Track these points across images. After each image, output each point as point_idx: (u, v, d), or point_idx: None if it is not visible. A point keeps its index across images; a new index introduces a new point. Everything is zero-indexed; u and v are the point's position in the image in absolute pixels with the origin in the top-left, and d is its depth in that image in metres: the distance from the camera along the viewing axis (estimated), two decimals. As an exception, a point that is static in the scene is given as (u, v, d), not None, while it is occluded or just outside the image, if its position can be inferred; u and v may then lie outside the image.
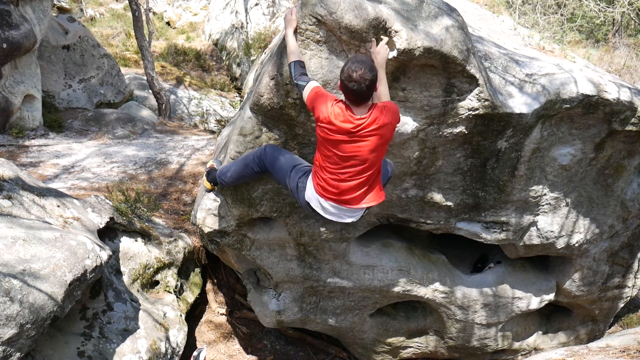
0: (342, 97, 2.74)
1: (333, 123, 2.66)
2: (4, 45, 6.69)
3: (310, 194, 2.94)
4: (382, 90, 2.79)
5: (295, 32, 2.91)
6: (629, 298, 5.18)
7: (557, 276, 4.84)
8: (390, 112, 2.73)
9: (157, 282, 4.66)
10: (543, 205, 4.10)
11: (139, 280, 4.36)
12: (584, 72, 3.70)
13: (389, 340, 4.98)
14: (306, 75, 2.83)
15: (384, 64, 2.84)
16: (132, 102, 10.31)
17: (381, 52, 2.84)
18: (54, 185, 5.67)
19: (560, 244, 4.30)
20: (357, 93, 2.60)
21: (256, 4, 13.39)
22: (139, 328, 3.89)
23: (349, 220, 3.02)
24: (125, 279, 4.25)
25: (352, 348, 5.28)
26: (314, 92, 2.73)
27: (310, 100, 2.73)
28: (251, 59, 12.19)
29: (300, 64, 2.84)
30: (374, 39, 2.85)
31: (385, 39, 2.85)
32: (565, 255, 4.53)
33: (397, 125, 3.26)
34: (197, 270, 5.28)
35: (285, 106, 3.14)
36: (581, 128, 3.75)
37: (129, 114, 8.96)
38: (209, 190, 3.67)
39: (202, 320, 5.27)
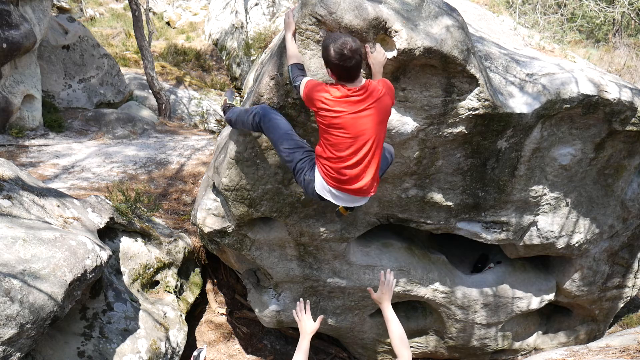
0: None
1: (335, 101, 2.63)
2: (4, 45, 6.69)
3: (321, 187, 2.89)
4: None
5: (294, 35, 2.91)
6: (629, 298, 5.18)
7: (557, 276, 4.84)
8: (387, 84, 2.74)
9: (157, 282, 4.66)
10: (543, 205, 4.10)
11: (139, 280, 4.36)
12: (584, 72, 3.70)
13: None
14: (303, 75, 2.82)
15: (382, 69, 2.83)
16: (132, 102, 10.31)
17: (378, 58, 2.82)
18: (54, 185, 5.67)
19: (561, 244, 4.30)
20: (353, 68, 2.58)
21: (256, 4, 13.39)
22: (139, 328, 3.89)
23: (361, 202, 3.03)
24: (125, 279, 4.25)
25: (352, 348, 5.28)
26: (309, 85, 2.71)
27: (307, 93, 2.71)
28: (251, 59, 12.19)
29: (299, 66, 2.83)
30: (367, 45, 2.83)
31: (377, 45, 2.84)
32: (565, 255, 4.53)
33: (397, 125, 3.27)
34: (197, 270, 5.28)
35: (285, 106, 3.14)
36: (581, 128, 3.75)
37: (129, 114, 8.96)
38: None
39: (202, 320, 5.27)
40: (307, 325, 2.42)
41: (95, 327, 3.68)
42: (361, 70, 2.67)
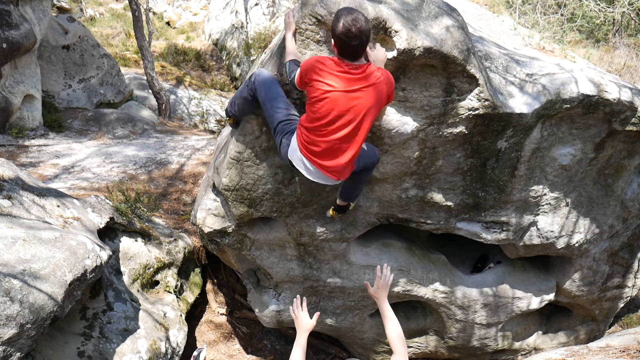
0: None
1: (330, 73, 2.58)
2: (4, 45, 6.69)
3: (293, 153, 2.86)
4: None
5: (294, 35, 2.91)
6: (629, 298, 5.18)
7: (557, 276, 4.84)
8: (387, 75, 2.70)
9: (157, 282, 4.66)
10: (543, 205, 4.10)
11: (139, 280, 4.36)
12: (584, 72, 3.70)
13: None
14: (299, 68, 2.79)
15: (383, 67, 2.85)
16: (132, 102, 10.31)
17: (379, 56, 2.82)
18: (54, 185, 5.67)
19: (561, 244, 4.30)
20: (356, 47, 2.54)
21: (256, 4, 13.40)
22: (139, 328, 3.89)
23: (330, 183, 2.99)
24: (125, 279, 4.25)
25: (352, 348, 5.28)
26: (306, 63, 2.67)
27: (303, 70, 2.66)
28: (251, 59, 12.19)
29: (296, 62, 2.81)
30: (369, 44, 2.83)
31: (377, 44, 2.84)
32: (565, 255, 4.53)
33: (397, 125, 3.27)
34: (197, 270, 5.28)
35: (286, 106, 3.14)
36: (581, 128, 3.75)
37: (129, 114, 8.96)
38: (231, 124, 3.55)
39: (202, 320, 5.27)
40: (304, 321, 2.43)
41: (95, 327, 3.68)
42: (365, 52, 2.64)
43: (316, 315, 2.49)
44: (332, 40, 2.60)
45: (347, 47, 2.54)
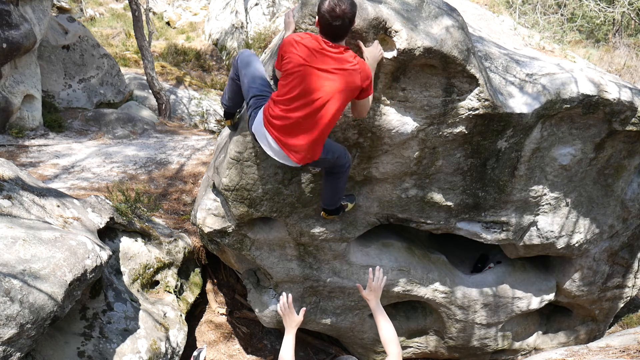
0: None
1: (306, 47, 2.58)
2: (4, 45, 6.69)
3: (258, 127, 2.84)
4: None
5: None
6: (629, 298, 5.18)
7: (557, 276, 4.84)
8: (364, 67, 2.67)
9: (157, 282, 4.65)
10: (543, 205, 4.10)
11: (139, 280, 4.36)
12: (584, 72, 3.70)
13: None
14: None
15: (375, 65, 2.82)
16: (132, 102, 10.31)
17: (373, 53, 2.80)
18: (54, 185, 5.67)
19: (561, 244, 4.30)
20: (338, 28, 2.54)
21: (256, 4, 13.40)
22: (139, 328, 3.89)
23: (290, 164, 2.92)
24: (125, 279, 4.25)
25: (352, 348, 5.28)
26: (282, 43, 2.69)
27: (280, 53, 2.68)
28: (251, 59, 12.16)
29: None
30: (359, 41, 2.81)
31: (375, 42, 2.83)
32: (565, 255, 4.53)
33: (397, 125, 3.27)
34: (197, 270, 5.28)
35: (286, 106, 3.14)
36: (581, 128, 3.75)
37: (129, 114, 8.96)
38: (229, 127, 3.55)
39: (202, 320, 5.27)
40: (293, 318, 2.46)
41: (95, 327, 3.68)
42: (347, 35, 2.64)
43: (303, 310, 2.51)
44: (317, 17, 2.61)
45: (329, 27, 2.55)
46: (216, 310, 5.38)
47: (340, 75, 2.61)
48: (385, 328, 2.32)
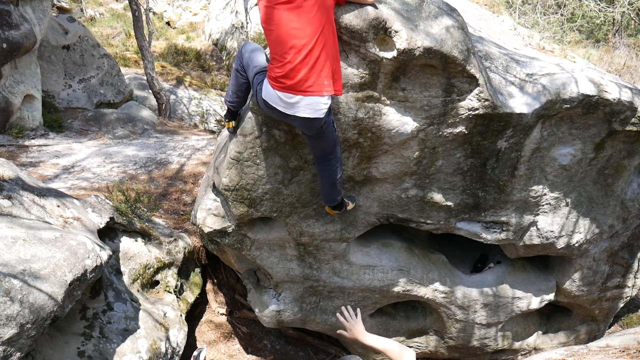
0: None
1: None
2: (4, 45, 6.69)
3: (266, 92, 2.84)
4: None
5: None
6: (629, 298, 5.19)
7: (557, 276, 4.85)
8: None
9: (157, 282, 4.65)
10: (543, 205, 4.10)
11: (139, 280, 4.36)
12: (584, 72, 3.70)
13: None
14: None
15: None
16: (132, 102, 10.31)
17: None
18: (54, 185, 5.67)
19: (561, 244, 4.30)
20: None
21: (256, 4, 13.38)
22: (139, 328, 3.89)
23: (305, 114, 2.80)
24: (126, 279, 4.25)
25: (352, 348, 5.28)
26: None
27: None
28: (251, 59, 12.17)
29: None
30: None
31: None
32: (565, 255, 4.53)
33: (397, 125, 3.27)
34: (197, 270, 5.28)
35: (286, 106, 3.14)
36: (581, 128, 3.75)
37: (129, 114, 8.96)
38: (229, 129, 3.52)
39: (202, 320, 5.27)
40: (359, 329, 2.37)
41: (96, 327, 3.68)
42: None
43: (359, 312, 2.48)
44: None
45: None
46: (216, 310, 5.38)
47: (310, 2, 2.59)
48: (389, 345, 2.25)
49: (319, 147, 3.11)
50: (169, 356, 4.03)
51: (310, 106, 2.77)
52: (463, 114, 3.30)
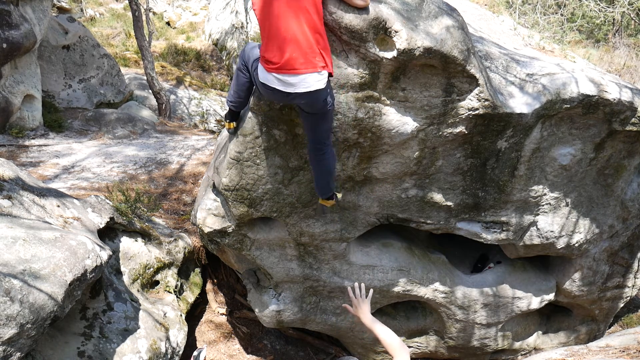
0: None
1: None
2: (4, 45, 6.69)
3: (263, 75, 2.88)
4: None
5: None
6: (629, 298, 5.19)
7: (557, 276, 4.84)
8: None
9: (157, 282, 4.65)
10: (543, 205, 4.10)
11: (139, 280, 4.36)
12: (584, 72, 3.70)
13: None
14: None
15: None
16: (132, 102, 10.30)
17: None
18: (54, 185, 5.67)
19: (561, 244, 4.30)
20: None
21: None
22: (139, 328, 3.89)
23: (303, 88, 2.80)
24: (126, 279, 4.25)
25: (352, 348, 5.28)
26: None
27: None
28: (251, 59, 12.17)
29: None
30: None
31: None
32: (565, 255, 4.53)
33: (397, 125, 3.27)
34: (197, 270, 5.28)
35: (285, 106, 3.14)
36: (581, 128, 3.75)
37: (129, 114, 8.96)
38: (229, 130, 3.53)
39: (202, 320, 5.27)
40: (364, 310, 2.33)
41: (96, 327, 3.68)
42: None
43: (371, 292, 2.44)
44: None
45: None
46: (216, 310, 5.38)
47: None
48: (387, 335, 2.21)
49: (318, 128, 3.07)
50: (169, 356, 4.03)
51: (306, 81, 2.78)
52: (463, 114, 3.30)
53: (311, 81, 2.76)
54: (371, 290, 2.51)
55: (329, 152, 3.16)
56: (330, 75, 2.83)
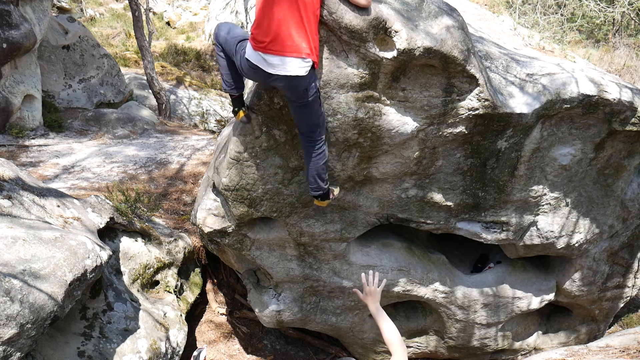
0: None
1: None
2: (4, 45, 6.69)
3: (250, 52, 2.90)
4: None
5: None
6: (629, 298, 5.19)
7: (557, 276, 4.85)
8: None
9: (157, 282, 4.66)
10: (543, 205, 4.10)
11: (139, 280, 4.36)
12: (584, 72, 3.70)
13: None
14: None
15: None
16: (132, 102, 10.31)
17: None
18: (54, 185, 5.67)
19: (561, 244, 4.30)
20: None
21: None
22: (139, 328, 3.89)
23: (285, 72, 2.82)
24: (126, 279, 4.25)
25: (352, 348, 5.28)
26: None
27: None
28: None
29: None
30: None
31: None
32: (565, 255, 4.53)
33: (397, 125, 3.27)
34: (197, 270, 5.28)
35: (285, 106, 3.14)
36: (581, 128, 3.75)
37: (129, 114, 8.96)
38: (243, 119, 3.42)
39: (202, 320, 5.27)
40: (376, 298, 2.35)
41: (96, 327, 3.68)
42: None
43: (383, 282, 2.46)
44: None
45: None
46: (216, 310, 5.38)
47: None
48: (389, 330, 2.25)
49: (305, 120, 3.05)
50: (169, 356, 4.03)
51: (288, 65, 2.80)
52: (463, 114, 3.30)
53: (293, 66, 2.78)
54: (384, 280, 2.53)
55: (318, 150, 3.13)
56: (314, 66, 2.83)
